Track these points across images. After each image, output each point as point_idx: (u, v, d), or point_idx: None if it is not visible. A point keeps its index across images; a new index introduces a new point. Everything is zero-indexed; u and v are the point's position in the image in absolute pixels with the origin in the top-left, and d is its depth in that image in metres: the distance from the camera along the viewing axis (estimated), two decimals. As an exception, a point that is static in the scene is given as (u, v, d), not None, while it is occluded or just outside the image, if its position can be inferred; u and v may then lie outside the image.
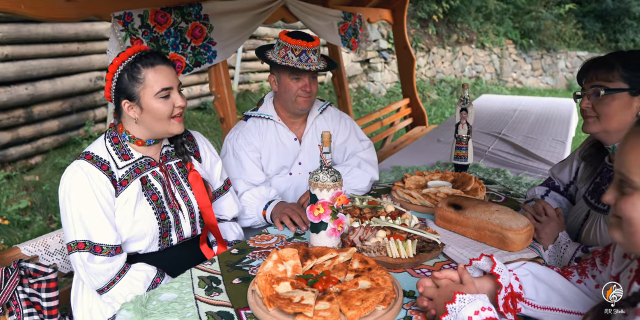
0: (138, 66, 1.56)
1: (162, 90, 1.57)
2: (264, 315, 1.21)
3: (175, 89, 1.61)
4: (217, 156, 1.95)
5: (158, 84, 1.57)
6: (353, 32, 4.66)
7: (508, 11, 13.97)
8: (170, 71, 1.61)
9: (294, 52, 2.02)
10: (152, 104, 1.57)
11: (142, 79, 1.56)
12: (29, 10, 2.01)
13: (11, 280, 1.70)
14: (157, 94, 1.57)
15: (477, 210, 1.68)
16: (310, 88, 2.07)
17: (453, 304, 1.09)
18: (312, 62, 2.05)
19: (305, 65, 2.02)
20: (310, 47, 2.03)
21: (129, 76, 1.56)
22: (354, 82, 10.50)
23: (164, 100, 1.59)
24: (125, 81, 1.57)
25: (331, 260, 1.44)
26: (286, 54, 2.03)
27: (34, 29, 4.16)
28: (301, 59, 2.01)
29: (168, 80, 1.58)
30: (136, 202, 1.63)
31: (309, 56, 2.03)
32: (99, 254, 1.57)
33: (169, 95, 1.59)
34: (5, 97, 4.06)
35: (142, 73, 1.56)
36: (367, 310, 1.17)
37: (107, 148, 1.65)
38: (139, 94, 1.57)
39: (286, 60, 2.03)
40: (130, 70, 1.57)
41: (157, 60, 1.59)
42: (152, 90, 1.56)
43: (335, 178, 1.53)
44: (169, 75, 1.59)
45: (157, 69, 1.57)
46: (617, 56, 1.53)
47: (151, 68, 1.56)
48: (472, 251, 1.60)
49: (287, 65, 2.00)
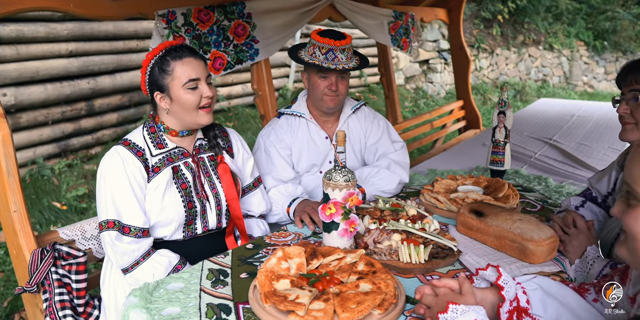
0: (167, 59, 1.64)
1: (189, 81, 1.64)
2: (260, 311, 1.22)
3: (203, 80, 1.67)
4: (250, 153, 2.00)
5: (185, 75, 1.63)
6: (404, 31, 4.58)
7: (581, 11, 13.20)
8: (199, 63, 1.67)
9: (321, 50, 2.02)
10: (181, 95, 1.64)
11: (171, 70, 1.64)
12: (77, 8, 2.13)
13: (45, 261, 1.81)
14: (184, 84, 1.63)
15: (498, 218, 1.60)
16: (337, 87, 2.06)
17: (445, 314, 1.04)
18: (339, 61, 2.03)
19: (332, 63, 2.01)
20: (338, 46, 2.01)
21: (159, 69, 1.65)
22: (412, 83, 10.33)
23: (191, 91, 1.65)
24: (156, 74, 1.66)
25: (338, 261, 1.43)
26: (314, 52, 2.03)
27: (97, 26, 4.42)
28: (327, 58, 2.01)
29: (195, 72, 1.65)
30: (166, 188, 1.70)
31: (336, 55, 2.01)
32: (127, 235, 1.65)
33: (196, 87, 1.66)
34: (69, 90, 4.33)
35: (171, 65, 1.64)
36: (360, 314, 1.15)
37: (144, 136, 1.75)
38: (168, 85, 1.65)
39: (313, 58, 2.03)
40: (160, 63, 1.65)
41: (185, 53, 1.66)
42: (180, 81, 1.63)
43: (348, 178, 1.51)
44: (197, 67, 1.66)
45: (185, 61, 1.64)
46: None
47: (179, 60, 1.64)
48: (489, 261, 1.53)
49: (314, 63, 2.00)
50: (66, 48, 4.25)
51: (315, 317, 1.14)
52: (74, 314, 1.81)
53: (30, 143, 4.21)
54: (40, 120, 4.24)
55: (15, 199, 1.85)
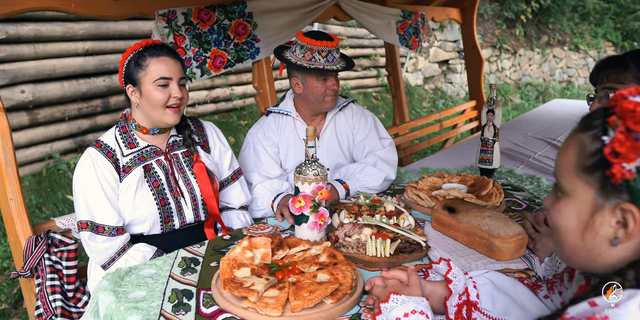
0: (145, 55, 1.70)
1: (160, 79, 1.69)
2: (218, 297, 1.27)
3: (175, 80, 1.71)
4: (227, 147, 2.04)
5: (158, 71, 1.69)
6: (414, 31, 4.58)
7: (609, 11, 12.89)
8: (174, 64, 1.72)
9: (321, 53, 2.04)
10: (150, 90, 1.70)
11: (146, 66, 1.69)
12: (78, 8, 2.23)
13: (39, 248, 1.91)
14: (155, 81, 1.69)
15: (469, 215, 1.61)
16: (337, 86, 2.11)
17: (386, 303, 1.07)
18: (337, 61, 2.08)
19: (332, 65, 2.05)
20: (334, 47, 2.05)
21: (135, 63, 1.71)
22: (430, 84, 10.26)
23: (161, 89, 1.70)
24: (131, 67, 1.72)
25: (303, 252, 1.47)
26: (313, 57, 2.04)
27: (112, 26, 4.57)
28: (328, 60, 2.04)
29: (169, 71, 1.70)
30: (137, 187, 1.75)
31: (334, 55, 2.06)
32: (101, 234, 1.72)
33: (167, 85, 1.71)
34: (85, 88, 4.49)
35: (147, 61, 1.69)
36: (310, 302, 1.19)
37: (115, 137, 1.81)
38: (140, 79, 1.70)
39: (314, 62, 2.04)
40: (137, 57, 1.71)
41: (163, 52, 1.72)
42: (151, 77, 1.69)
43: (317, 172, 1.55)
44: (171, 67, 1.71)
45: (161, 59, 1.70)
46: (633, 54, 1.40)
47: (155, 58, 1.70)
48: (457, 257, 1.54)
49: (316, 67, 2.02)
50: (83, 47, 4.40)
51: (266, 304, 1.18)
52: (63, 298, 1.89)
53: (47, 138, 4.37)
54: (57, 116, 4.40)
55: (12, 188, 1.95)
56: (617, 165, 0.73)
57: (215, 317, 1.21)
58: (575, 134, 0.81)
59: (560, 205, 0.84)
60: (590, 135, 0.77)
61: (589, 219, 0.79)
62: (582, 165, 0.78)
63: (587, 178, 0.77)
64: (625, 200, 0.74)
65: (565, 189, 0.82)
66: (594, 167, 0.76)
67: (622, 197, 0.74)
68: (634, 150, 0.71)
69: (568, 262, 0.89)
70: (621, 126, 0.72)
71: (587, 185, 0.78)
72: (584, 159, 0.78)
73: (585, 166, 0.77)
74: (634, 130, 0.71)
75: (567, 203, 0.82)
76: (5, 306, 3.02)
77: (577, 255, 0.84)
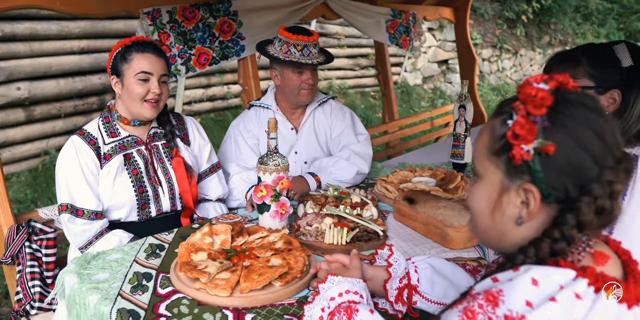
0: (131, 49, 1.80)
1: (141, 73, 1.78)
2: (175, 279, 1.34)
3: (155, 76, 1.81)
4: (207, 141, 2.13)
5: (140, 66, 1.78)
6: (405, 30, 4.63)
7: (612, 11, 12.85)
8: (157, 61, 1.82)
9: (296, 47, 2.12)
10: (131, 83, 1.79)
11: (130, 59, 1.79)
12: (63, 6, 2.30)
13: (20, 236, 1.99)
14: (136, 74, 1.78)
15: (426, 205, 1.67)
16: (313, 81, 2.18)
17: (323, 284, 1.13)
18: (313, 55, 2.15)
19: (308, 59, 2.12)
20: (311, 42, 2.13)
21: (121, 56, 1.81)
22: (429, 83, 10.29)
23: (141, 83, 1.79)
24: (117, 59, 1.82)
25: (261, 239, 1.53)
26: (289, 50, 2.13)
27: (108, 25, 4.65)
28: (303, 54, 2.11)
29: (151, 67, 1.79)
30: (116, 174, 1.84)
31: (310, 50, 2.13)
32: (81, 217, 1.80)
33: (147, 80, 1.80)
34: (81, 85, 4.58)
35: (132, 55, 1.79)
36: (258, 284, 1.25)
37: (98, 126, 1.90)
38: (124, 72, 1.80)
39: (289, 55, 2.13)
40: (124, 51, 1.82)
41: (149, 49, 1.81)
42: (133, 70, 1.79)
43: (277, 163, 1.61)
44: (154, 64, 1.80)
45: (146, 55, 1.80)
46: (584, 50, 1.42)
47: (141, 53, 1.79)
48: (412, 246, 1.60)
49: (291, 60, 2.10)
50: (78, 45, 4.49)
51: (216, 285, 1.25)
52: (42, 284, 1.97)
53: (43, 134, 4.47)
54: (53, 113, 4.49)
55: (-6, 178, 2.02)
56: (517, 147, 0.77)
57: (169, 297, 1.28)
58: (489, 119, 0.87)
59: (474, 188, 0.89)
60: (499, 120, 0.82)
61: (498, 200, 0.83)
62: (492, 148, 0.83)
63: (496, 160, 0.82)
64: (527, 181, 0.78)
65: (479, 172, 0.87)
66: (502, 150, 0.80)
67: (524, 178, 0.79)
68: (531, 132, 0.76)
69: (483, 242, 0.94)
70: (522, 110, 0.77)
71: (496, 167, 0.82)
72: (493, 143, 0.83)
73: (495, 149, 0.82)
74: (532, 114, 0.76)
75: (479, 185, 0.87)
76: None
77: (489, 235, 0.89)
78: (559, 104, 0.76)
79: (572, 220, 0.76)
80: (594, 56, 1.40)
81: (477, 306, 0.75)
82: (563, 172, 0.75)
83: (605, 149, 0.75)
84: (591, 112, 0.76)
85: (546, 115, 0.75)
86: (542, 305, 0.71)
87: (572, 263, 0.78)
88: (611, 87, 1.36)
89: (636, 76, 1.34)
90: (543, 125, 0.75)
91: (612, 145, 0.76)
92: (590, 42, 1.50)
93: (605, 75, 1.38)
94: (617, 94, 1.36)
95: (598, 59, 1.39)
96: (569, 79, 0.79)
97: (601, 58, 1.39)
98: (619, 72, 1.34)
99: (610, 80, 1.36)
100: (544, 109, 0.74)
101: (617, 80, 1.35)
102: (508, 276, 0.78)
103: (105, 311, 1.24)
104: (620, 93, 1.36)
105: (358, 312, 1.01)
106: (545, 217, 0.79)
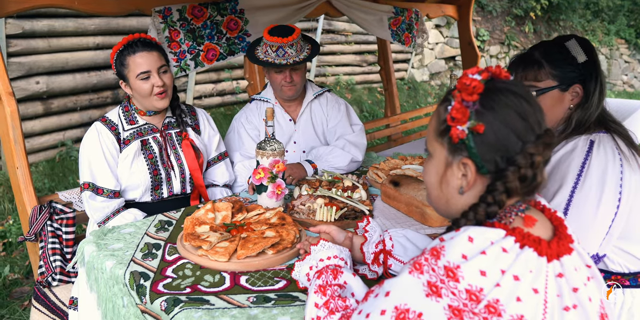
0: (124, 54, 1.98)
1: (141, 73, 1.97)
2: (180, 248, 1.52)
3: (154, 71, 1.98)
4: (216, 131, 2.32)
5: (137, 68, 1.96)
6: (407, 27, 4.76)
7: (623, 8, 12.81)
8: (150, 56, 1.97)
9: (272, 48, 2.25)
10: (136, 84, 1.98)
11: (127, 64, 1.98)
12: (80, 5, 2.50)
13: (42, 215, 2.19)
14: (137, 76, 1.97)
15: (409, 188, 1.84)
16: (292, 78, 2.31)
17: (315, 246, 1.31)
18: (289, 55, 2.26)
19: (282, 59, 2.25)
20: (286, 43, 2.22)
21: (119, 63, 2.00)
22: (436, 80, 10.40)
23: (145, 81, 1.98)
24: (118, 66, 2.01)
25: (258, 216, 1.71)
26: (266, 50, 2.28)
27: (122, 22, 4.86)
28: (278, 54, 2.25)
29: (146, 65, 1.96)
30: (134, 157, 2.05)
31: (286, 51, 2.25)
32: (101, 195, 2.02)
33: (148, 77, 1.98)
34: (96, 80, 4.79)
35: (127, 60, 1.97)
36: (252, 251, 1.43)
37: (119, 114, 2.11)
38: (127, 75, 2.00)
39: (266, 56, 2.28)
40: (119, 58, 2.00)
41: (138, 48, 1.97)
42: (134, 73, 1.97)
43: (274, 148, 1.79)
44: (148, 60, 1.97)
45: (137, 55, 1.96)
46: (541, 51, 1.53)
47: (132, 55, 1.96)
48: (394, 223, 1.77)
49: (267, 61, 2.26)
50: (93, 41, 4.70)
51: (216, 251, 1.43)
52: (62, 259, 2.18)
53: (60, 127, 4.69)
54: (70, 106, 4.71)
55: (20, 162, 2.22)
56: (454, 128, 0.95)
57: (175, 262, 1.46)
58: (438, 106, 1.03)
59: (427, 165, 1.06)
60: (444, 106, 0.99)
61: (444, 174, 1.00)
62: (438, 130, 1.00)
63: (441, 140, 0.99)
64: (464, 156, 0.95)
65: (430, 151, 1.04)
66: (445, 131, 0.97)
67: (462, 153, 0.95)
68: (464, 115, 0.93)
69: (437, 211, 1.11)
70: (459, 97, 0.94)
71: (441, 146, 0.99)
72: (438, 125, 1.00)
73: (440, 131, 0.99)
74: (466, 100, 0.93)
75: (431, 163, 1.04)
76: (18, 276, 3.33)
77: (439, 204, 1.06)
78: (490, 91, 0.92)
79: (501, 187, 0.92)
80: (552, 58, 1.52)
81: (424, 259, 0.91)
82: (492, 147, 0.92)
83: (527, 127, 0.91)
84: (517, 97, 0.92)
85: (478, 101, 0.91)
86: (474, 257, 0.86)
87: (504, 225, 0.94)
88: (573, 83, 1.50)
89: (592, 69, 1.49)
90: (475, 109, 0.91)
91: (534, 124, 0.92)
92: (542, 41, 1.60)
93: (565, 74, 1.50)
94: (579, 87, 1.51)
95: (557, 59, 1.51)
96: (502, 70, 0.95)
97: (559, 58, 1.51)
98: (577, 68, 1.49)
99: (570, 77, 1.50)
100: (476, 96, 0.91)
101: (577, 76, 1.49)
102: (450, 235, 0.95)
103: (120, 273, 1.42)
104: (581, 87, 1.51)
105: (342, 273, 1.18)
106: (481, 187, 0.96)
